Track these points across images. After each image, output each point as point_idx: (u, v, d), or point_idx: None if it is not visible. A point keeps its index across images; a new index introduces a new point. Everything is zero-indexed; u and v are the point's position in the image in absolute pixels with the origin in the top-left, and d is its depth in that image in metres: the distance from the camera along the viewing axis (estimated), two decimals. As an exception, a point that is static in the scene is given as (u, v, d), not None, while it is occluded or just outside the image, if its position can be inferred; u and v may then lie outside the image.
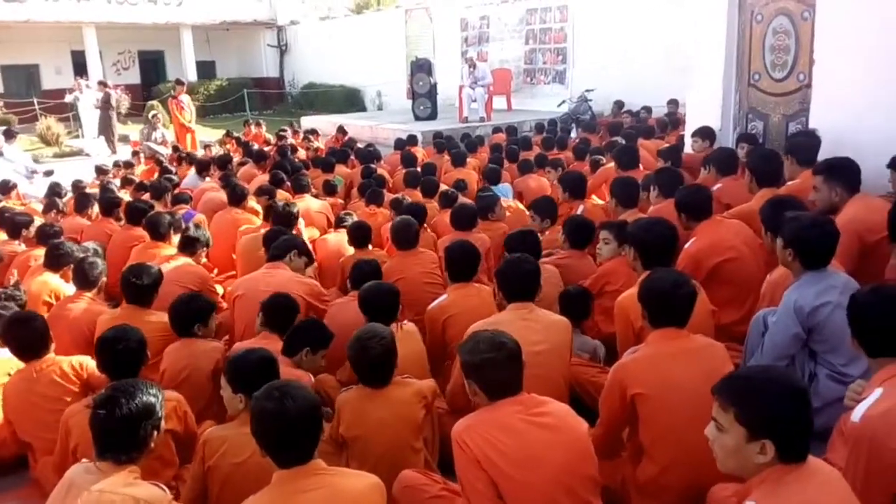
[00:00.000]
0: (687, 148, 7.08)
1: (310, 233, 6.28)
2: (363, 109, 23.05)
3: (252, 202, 6.95)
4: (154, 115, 15.05)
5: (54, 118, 18.74)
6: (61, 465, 2.94)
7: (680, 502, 2.70)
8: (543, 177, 7.84)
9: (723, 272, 4.03)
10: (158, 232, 5.61)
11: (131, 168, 11.01)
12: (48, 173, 11.67)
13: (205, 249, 5.37)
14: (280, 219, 5.61)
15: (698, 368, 2.66)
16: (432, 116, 15.49)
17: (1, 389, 3.66)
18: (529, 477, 2.30)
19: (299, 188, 7.29)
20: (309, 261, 4.84)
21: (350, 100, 23.84)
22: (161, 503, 2.32)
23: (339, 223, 6.19)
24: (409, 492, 2.70)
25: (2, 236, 6.42)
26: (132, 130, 17.10)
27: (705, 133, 6.65)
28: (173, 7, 24.56)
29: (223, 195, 7.16)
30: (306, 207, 6.67)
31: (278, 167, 8.70)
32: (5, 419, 3.62)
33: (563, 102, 14.60)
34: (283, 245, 4.70)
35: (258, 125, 15.35)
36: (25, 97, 21.70)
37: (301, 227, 6.03)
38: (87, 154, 16.36)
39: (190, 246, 5.16)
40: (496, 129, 12.73)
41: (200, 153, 12.30)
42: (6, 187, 9.32)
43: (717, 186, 5.33)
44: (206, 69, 27.19)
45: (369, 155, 9.95)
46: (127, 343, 3.16)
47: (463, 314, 3.68)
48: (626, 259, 3.88)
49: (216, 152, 11.85)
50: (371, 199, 6.95)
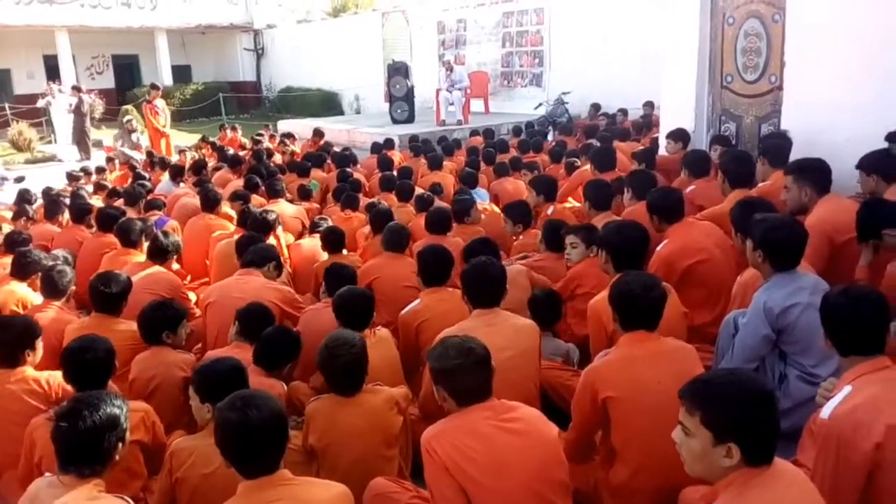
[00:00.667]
0: (661, 150, 7.12)
1: (285, 238, 6.23)
2: (341, 113, 22.97)
3: (226, 207, 6.89)
4: (128, 121, 14.87)
5: (26, 123, 18.45)
6: (26, 479, 2.87)
7: (652, 505, 2.70)
8: (519, 179, 7.85)
9: (695, 274, 4.05)
10: (130, 239, 5.52)
11: (103, 174, 10.88)
12: (18, 180, 11.50)
13: (175, 256, 5.30)
14: (256, 225, 5.55)
15: (669, 371, 2.66)
16: (410, 120, 15.48)
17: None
18: (499, 483, 2.29)
19: (273, 193, 7.23)
20: (279, 271, 4.78)
21: (327, 103, 23.74)
22: (125, 517, 2.27)
23: (314, 228, 6.16)
24: (380, 500, 2.68)
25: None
26: (106, 135, 16.91)
27: (678, 135, 6.69)
28: (147, 11, 24.29)
29: (197, 201, 7.08)
30: (281, 212, 6.61)
31: (253, 172, 8.63)
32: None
33: (540, 105, 14.64)
34: (263, 255, 4.65)
35: (234, 129, 15.23)
36: (-4, 102, 21.40)
37: (280, 234, 5.98)
38: (60, 160, 16.15)
39: (159, 254, 5.09)
40: (473, 133, 12.73)
41: (175, 158, 12.18)
42: (-25, 196, 9.18)
43: (691, 188, 5.36)
44: (182, 73, 26.92)
45: (345, 159, 9.92)
46: (94, 353, 3.10)
47: (436, 319, 3.66)
48: (597, 261, 3.89)
49: (191, 157, 11.73)
50: (346, 204, 6.92)
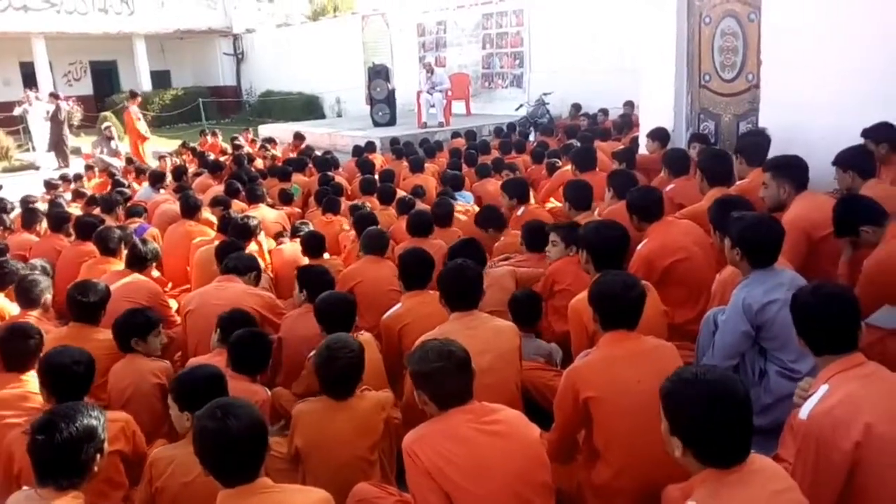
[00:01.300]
0: (642, 149, 7.16)
1: (266, 243, 6.20)
2: (322, 117, 22.89)
3: (206, 213, 6.84)
4: (107, 127, 14.73)
5: (3, 131, 18.23)
6: (5, 492, 2.84)
7: (635, 505, 2.71)
8: (501, 181, 7.85)
9: (675, 273, 4.07)
10: (108, 247, 5.47)
11: (80, 181, 10.77)
12: (-5, 188, 11.35)
13: (154, 263, 5.25)
14: (237, 231, 5.52)
15: (649, 370, 2.66)
16: (391, 122, 15.45)
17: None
18: (481, 486, 2.28)
19: (254, 198, 7.19)
20: (258, 281, 4.75)
21: (309, 107, 23.65)
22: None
23: (295, 233, 6.12)
24: (364, 505, 2.66)
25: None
26: (85, 143, 16.74)
27: (657, 134, 6.73)
28: (125, 16, 24.10)
29: (178, 207, 7.03)
30: (261, 217, 6.58)
31: (234, 177, 8.59)
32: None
33: (521, 106, 14.66)
34: (245, 263, 4.62)
35: (214, 135, 15.14)
36: (-28, 110, 21.13)
37: (262, 239, 5.95)
38: (38, 167, 15.98)
39: (137, 262, 5.03)
40: (455, 134, 12.73)
41: (156, 164, 12.08)
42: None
43: (670, 187, 5.39)
44: (161, 79, 26.77)
45: (326, 163, 9.89)
46: (71, 364, 3.06)
47: (418, 322, 3.64)
48: (575, 259, 3.90)
49: (171, 163, 11.64)
50: (328, 207, 6.90)
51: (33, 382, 3.31)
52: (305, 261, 5.39)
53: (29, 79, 22.73)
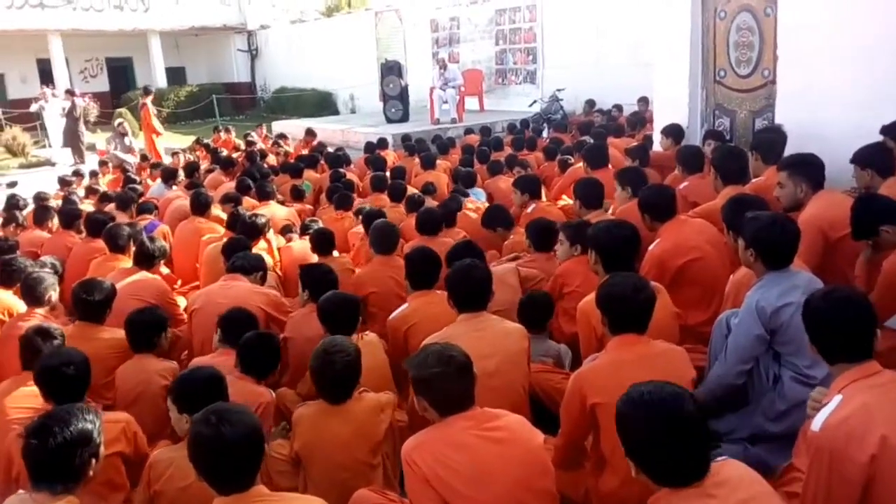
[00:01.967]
0: (656, 146, 7.05)
1: (276, 241, 6.17)
2: (336, 113, 22.87)
3: (217, 210, 6.82)
4: (120, 124, 14.79)
5: (20, 128, 18.37)
6: (4, 494, 2.82)
7: (642, 514, 2.64)
8: (513, 178, 7.78)
9: (688, 273, 3.97)
10: (117, 244, 5.45)
11: (95, 178, 10.80)
12: (11, 185, 11.43)
13: (162, 261, 5.23)
14: (245, 228, 5.49)
15: (659, 375, 2.54)
16: (404, 119, 15.39)
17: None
18: (482, 494, 2.23)
19: (264, 195, 7.17)
20: (264, 281, 4.72)
21: (323, 103, 23.65)
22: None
23: (305, 230, 6.09)
24: (365, 512, 2.61)
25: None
26: (101, 139, 16.82)
27: (671, 131, 6.62)
28: (140, 13, 24.23)
29: (189, 204, 7.01)
30: (271, 214, 6.55)
31: (246, 173, 8.57)
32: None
33: (535, 102, 14.55)
34: (253, 263, 4.59)
35: (227, 131, 15.17)
36: (-10, 107, 21.33)
37: (271, 237, 5.92)
38: (55, 164, 16.08)
39: (145, 260, 5.00)
40: (468, 131, 12.66)
41: (169, 160, 12.12)
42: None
43: (684, 185, 5.29)
44: (176, 75, 26.86)
45: (338, 159, 9.86)
46: (60, 366, 3.02)
47: (425, 323, 3.57)
48: (584, 259, 3.82)
49: (184, 160, 11.67)
50: (339, 204, 6.86)
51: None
52: (314, 258, 5.35)
53: (45, 76, 22.89)
